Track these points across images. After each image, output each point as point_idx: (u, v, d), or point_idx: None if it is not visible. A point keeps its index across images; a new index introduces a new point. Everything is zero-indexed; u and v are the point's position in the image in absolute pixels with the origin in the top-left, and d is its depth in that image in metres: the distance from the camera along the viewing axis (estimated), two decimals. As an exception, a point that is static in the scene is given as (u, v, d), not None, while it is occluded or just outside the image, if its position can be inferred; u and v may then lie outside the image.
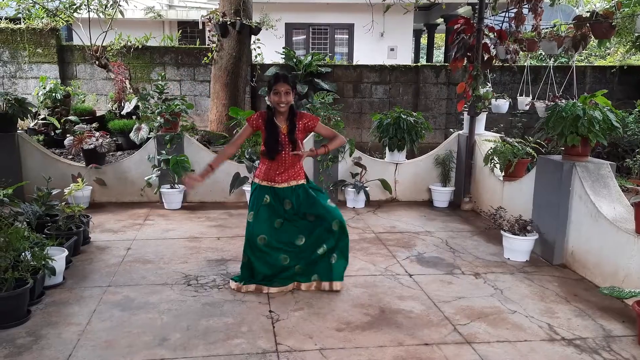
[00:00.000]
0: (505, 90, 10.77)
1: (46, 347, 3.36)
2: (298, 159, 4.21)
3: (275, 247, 4.21)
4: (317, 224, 4.22)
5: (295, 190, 4.21)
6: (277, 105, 4.10)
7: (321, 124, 4.33)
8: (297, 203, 4.20)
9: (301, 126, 4.19)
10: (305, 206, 4.21)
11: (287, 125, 4.15)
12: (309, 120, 4.22)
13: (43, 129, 8.82)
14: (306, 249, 4.26)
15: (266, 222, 4.19)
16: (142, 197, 7.02)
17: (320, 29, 15.21)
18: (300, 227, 4.25)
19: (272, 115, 4.17)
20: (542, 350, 3.45)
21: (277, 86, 4.06)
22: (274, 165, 4.18)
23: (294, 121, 4.16)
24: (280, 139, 4.13)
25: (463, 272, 4.79)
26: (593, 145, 4.83)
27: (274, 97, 4.09)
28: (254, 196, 4.25)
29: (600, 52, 15.21)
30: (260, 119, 4.18)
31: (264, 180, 4.21)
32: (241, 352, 3.35)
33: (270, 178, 4.19)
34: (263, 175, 4.21)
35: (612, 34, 5.49)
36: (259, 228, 4.18)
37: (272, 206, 4.20)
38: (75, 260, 4.87)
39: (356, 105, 11.24)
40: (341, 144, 4.53)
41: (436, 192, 7.22)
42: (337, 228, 4.20)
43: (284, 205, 4.21)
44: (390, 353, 3.37)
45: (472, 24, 6.66)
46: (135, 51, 10.55)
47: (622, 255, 4.24)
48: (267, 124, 4.15)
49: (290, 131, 4.14)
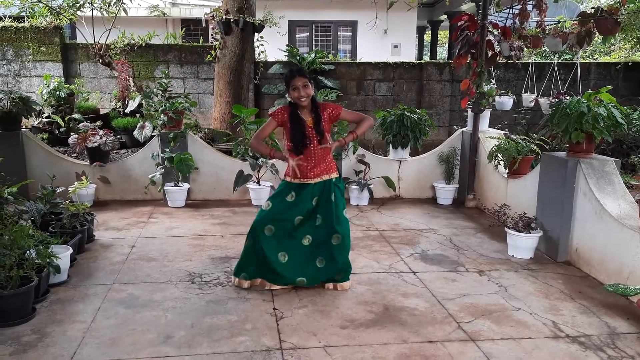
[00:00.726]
0: (510, 87, 10.74)
1: (51, 345, 3.37)
2: (327, 151, 4.16)
3: (279, 242, 4.17)
4: (322, 229, 4.17)
5: (324, 185, 4.16)
6: (299, 100, 4.05)
7: (345, 110, 4.28)
8: (320, 199, 4.16)
9: (326, 116, 4.15)
10: (322, 207, 4.17)
11: (312, 117, 4.10)
12: (332, 109, 4.18)
13: (47, 127, 8.85)
14: (308, 248, 4.21)
15: (280, 215, 4.14)
16: (146, 195, 7.04)
17: (323, 26, 15.20)
18: (309, 225, 4.20)
19: (295, 110, 4.12)
20: (546, 347, 3.44)
21: (294, 81, 4.03)
22: (303, 161, 4.12)
23: (318, 112, 4.12)
24: (307, 132, 4.09)
25: (467, 269, 4.79)
26: (597, 142, 4.81)
27: (293, 93, 4.05)
28: (279, 189, 4.22)
29: (604, 48, 15.15)
30: (285, 114, 4.13)
31: (295, 177, 4.15)
32: (245, 350, 3.35)
33: (303, 174, 4.13)
34: (294, 172, 4.14)
35: (617, 31, 5.46)
36: (269, 218, 4.13)
37: (297, 204, 4.15)
38: (80, 258, 4.89)
39: (360, 102, 11.22)
40: (370, 126, 4.34)
41: (440, 189, 7.21)
42: (337, 243, 4.16)
43: (312, 200, 4.16)
44: (394, 350, 3.37)
45: (476, 21, 6.64)
46: (138, 49, 10.56)
47: (626, 252, 4.22)
48: (291, 118, 4.10)
49: (317, 123, 4.09)
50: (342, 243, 4.19)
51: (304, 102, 4.06)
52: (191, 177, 7.03)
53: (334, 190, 4.19)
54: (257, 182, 6.96)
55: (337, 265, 4.20)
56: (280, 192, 4.20)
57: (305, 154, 4.12)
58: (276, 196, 4.21)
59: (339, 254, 4.19)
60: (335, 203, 4.18)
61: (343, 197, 4.30)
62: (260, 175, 6.99)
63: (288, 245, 4.21)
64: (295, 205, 4.16)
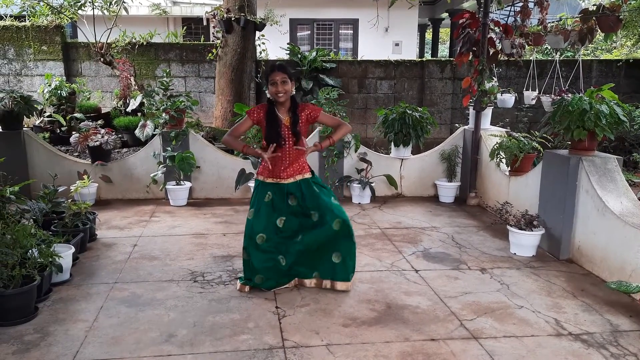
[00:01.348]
0: (511, 84, 10.71)
1: (54, 344, 3.38)
2: (302, 153, 4.09)
3: (274, 246, 4.12)
4: (318, 221, 4.10)
5: (299, 185, 4.11)
6: (276, 96, 3.95)
7: (324, 113, 4.19)
8: (302, 198, 4.11)
9: (304, 118, 4.07)
10: (309, 201, 4.10)
11: (289, 117, 4.03)
12: (311, 110, 4.10)
13: (49, 127, 8.85)
14: (306, 247, 4.15)
15: (266, 220, 4.09)
16: (148, 194, 7.04)
17: (324, 25, 15.18)
18: (302, 224, 4.15)
19: (273, 108, 4.04)
20: (549, 345, 3.44)
21: (272, 76, 3.93)
22: (277, 160, 4.05)
23: (296, 113, 4.04)
24: (282, 131, 4.01)
25: (469, 267, 4.79)
26: (600, 139, 4.80)
27: (271, 88, 3.95)
28: (255, 192, 4.16)
29: (606, 45, 15.12)
30: (261, 112, 4.05)
31: (268, 177, 4.10)
32: (248, 348, 3.35)
33: (275, 174, 4.08)
34: (267, 171, 4.10)
35: (618, 28, 5.46)
36: (259, 226, 4.08)
37: (276, 203, 4.11)
38: (82, 257, 4.89)
39: (361, 100, 11.21)
40: (347, 133, 4.27)
41: (442, 187, 7.20)
42: (339, 227, 4.07)
43: (288, 200, 4.12)
44: (396, 348, 3.37)
45: (477, 18, 6.63)
46: (139, 48, 10.55)
47: (629, 249, 4.22)
48: (268, 116, 4.01)
49: (293, 123, 4.01)
50: (345, 225, 4.09)
51: (280, 98, 3.96)
52: (193, 175, 7.04)
53: (311, 183, 4.13)
54: (259, 180, 6.95)
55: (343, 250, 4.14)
56: (258, 196, 4.12)
57: (280, 153, 4.04)
58: (256, 201, 4.13)
59: (343, 238, 4.11)
60: (319, 193, 4.11)
61: (325, 187, 4.23)
62: (262, 173, 6.98)
63: (282, 248, 4.16)
64: (275, 204, 4.11)
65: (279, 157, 4.06)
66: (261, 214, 4.11)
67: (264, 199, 4.11)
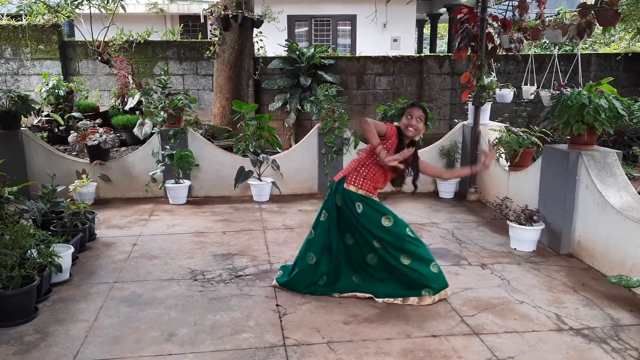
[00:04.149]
0: (510, 79, 10.71)
1: (54, 344, 3.37)
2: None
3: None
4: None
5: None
6: (406, 129, 3.91)
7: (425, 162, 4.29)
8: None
9: (421, 167, 4.12)
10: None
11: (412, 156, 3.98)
12: (424, 165, 4.19)
13: (47, 126, 8.82)
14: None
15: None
16: (147, 193, 7.03)
17: (322, 21, 15.15)
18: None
19: (402, 135, 3.96)
20: (550, 340, 3.44)
21: (412, 110, 3.93)
22: (380, 178, 4.04)
23: (416, 156, 4.08)
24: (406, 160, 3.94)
25: (470, 263, 4.78)
26: (599, 133, 4.79)
27: (405, 120, 3.92)
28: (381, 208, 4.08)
29: (604, 39, 15.10)
30: (394, 130, 3.95)
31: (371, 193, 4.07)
32: (249, 347, 3.35)
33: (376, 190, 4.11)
34: (373, 188, 4.06)
35: (617, 21, 5.44)
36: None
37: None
38: (82, 256, 4.88)
39: (360, 97, 11.20)
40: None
41: (442, 183, 7.19)
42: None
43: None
44: (398, 345, 3.37)
45: (475, 13, 6.61)
46: (137, 46, 10.52)
47: (629, 243, 4.21)
48: (398, 139, 3.94)
49: (413, 164, 4.03)
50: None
51: (410, 132, 3.91)
52: (192, 174, 7.02)
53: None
54: (259, 178, 6.94)
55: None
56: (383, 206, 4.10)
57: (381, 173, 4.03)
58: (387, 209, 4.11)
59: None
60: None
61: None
62: (262, 171, 6.98)
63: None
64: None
65: (382, 175, 4.04)
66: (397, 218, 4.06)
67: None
